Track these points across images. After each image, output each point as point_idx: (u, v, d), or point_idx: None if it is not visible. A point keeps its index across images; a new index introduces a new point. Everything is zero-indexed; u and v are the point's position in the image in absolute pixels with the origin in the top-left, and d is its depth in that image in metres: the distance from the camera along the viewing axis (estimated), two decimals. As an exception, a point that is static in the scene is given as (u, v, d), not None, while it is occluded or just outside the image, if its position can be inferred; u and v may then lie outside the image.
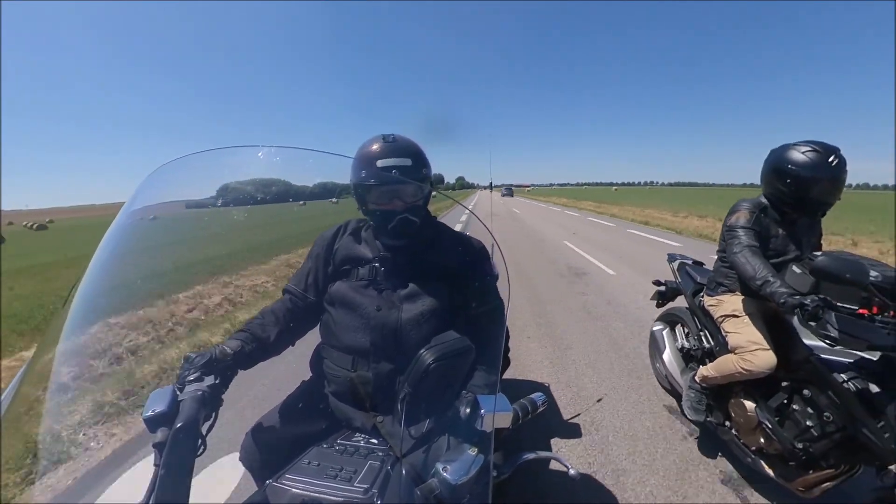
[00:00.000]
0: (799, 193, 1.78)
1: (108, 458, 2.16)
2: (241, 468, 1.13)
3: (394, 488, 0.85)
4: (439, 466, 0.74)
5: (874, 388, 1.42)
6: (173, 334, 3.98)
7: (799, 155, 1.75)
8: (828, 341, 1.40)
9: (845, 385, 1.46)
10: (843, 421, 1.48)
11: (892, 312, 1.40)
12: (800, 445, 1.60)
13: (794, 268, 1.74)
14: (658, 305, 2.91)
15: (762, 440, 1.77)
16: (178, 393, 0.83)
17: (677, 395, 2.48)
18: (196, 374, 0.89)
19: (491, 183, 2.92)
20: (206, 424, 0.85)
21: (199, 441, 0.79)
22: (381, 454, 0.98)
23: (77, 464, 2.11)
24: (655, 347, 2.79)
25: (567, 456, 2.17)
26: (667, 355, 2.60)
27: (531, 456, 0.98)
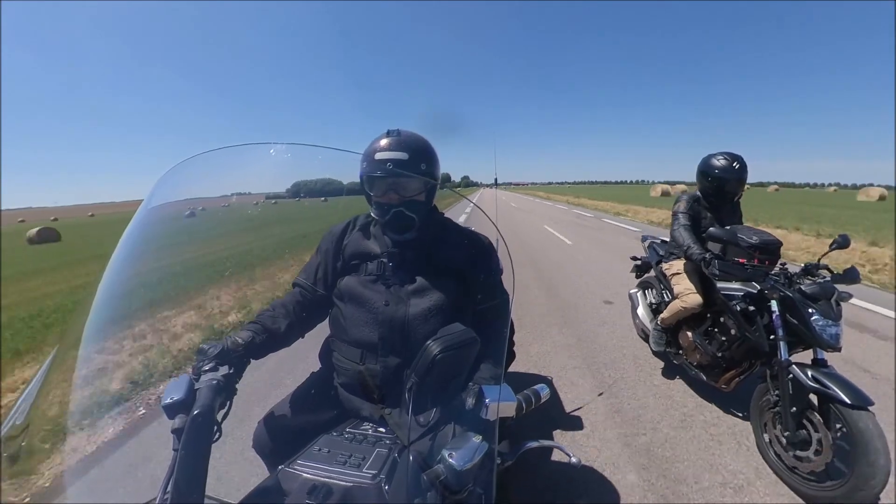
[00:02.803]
0: (715, 188, 2.63)
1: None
2: (254, 454, 1.17)
3: (401, 474, 0.88)
4: (445, 453, 0.76)
5: (752, 308, 2.18)
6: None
7: (715, 162, 2.59)
8: (716, 279, 2.34)
9: (735, 307, 2.25)
10: (739, 332, 2.24)
11: (767, 262, 2.16)
12: (720, 355, 2.38)
13: (706, 236, 2.43)
14: (637, 276, 3.67)
15: (698, 356, 2.57)
16: (194, 382, 0.86)
17: (648, 339, 3.17)
18: (211, 365, 0.93)
19: (496, 180, 2.93)
20: (221, 412, 0.88)
21: (215, 428, 0.82)
22: (388, 442, 1.01)
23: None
24: (633, 306, 3.55)
25: (569, 445, 2.21)
26: (640, 310, 3.37)
27: (534, 444, 1.00)
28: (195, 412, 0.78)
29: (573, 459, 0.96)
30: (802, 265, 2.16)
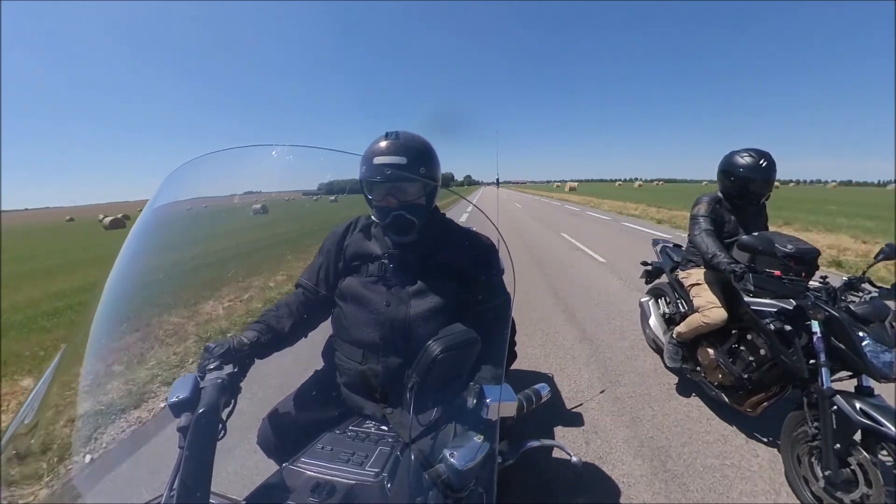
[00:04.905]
0: (740, 188, 2.35)
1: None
2: (259, 451, 1.18)
3: (403, 472, 0.89)
4: (447, 452, 0.76)
5: (788, 327, 1.95)
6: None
7: (739, 159, 2.32)
8: (750, 295, 2.00)
9: (769, 326, 2.00)
10: (772, 353, 2.00)
11: (803, 274, 1.90)
12: (745, 376, 2.14)
13: (737, 245, 2.18)
14: (647, 282, 3.42)
15: (720, 376, 2.32)
16: (199, 381, 0.87)
17: (661, 353, 2.94)
18: (216, 363, 0.93)
19: (497, 180, 2.93)
20: (226, 410, 0.89)
21: (220, 426, 0.83)
22: (390, 440, 1.02)
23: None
24: (644, 315, 3.30)
25: (570, 444, 2.22)
26: (652, 321, 3.12)
27: (535, 444, 1.01)
28: (200, 410, 0.78)
29: (574, 458, 0.97)
30: (845, 279, 1.93)
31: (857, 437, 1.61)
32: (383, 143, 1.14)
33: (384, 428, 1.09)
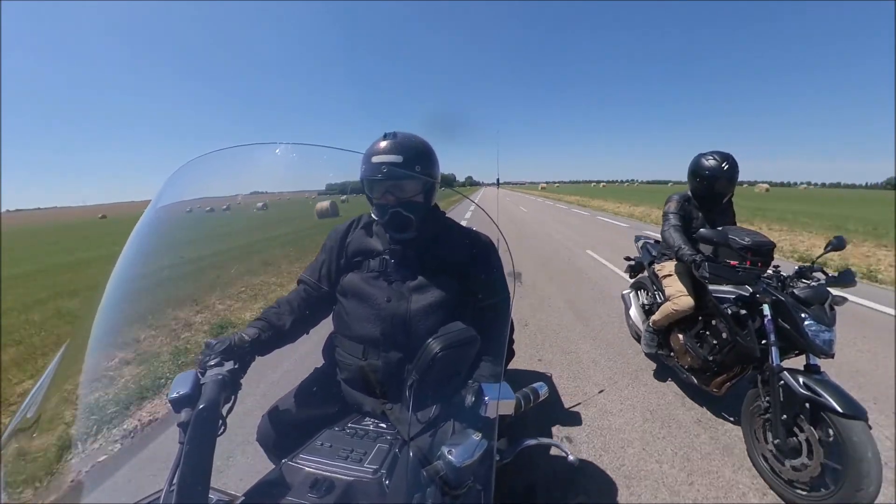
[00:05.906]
0: (706, 187, 2.60)
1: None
2: (258, 448, 1.19)
3: (401, 469, 0.90)
4: (445, 450, 0.77)
5: (744, 312, 2.14)
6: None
7: (705, 161, 2.56)
8: (706, 281, 2.29)
9: (726, 310, 2.21)
10: (731, 336, 2.21)
11: (759, 264, 2.14)
12: (710, 358, 2.36)
13: (697, 238, 2.39)
14: (631, 277, 3.66)
15: (689, 360, 2.54)
16: (200, 377, 0.88)
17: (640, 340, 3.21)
18: (216, 360, 0.94)
19: (498, 179, 2.98)
20: (226, 407, 0.89)
21: (220, 422, 0.84)
22: (389, 437, 1.02)
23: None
24: (625, 307, 3.60)
25: (567, 443, 2.23)
26: (633, 311, 3.40)
27: (533, 442, 1.02)
28: (200, 406, 0.79)
29: (570, 457, 0.97)
30: (797, 267, 2.12)
31: (807, 410, 1.76)
32: (382, 143, 1.16)
33: (383, 425, 1.09)
